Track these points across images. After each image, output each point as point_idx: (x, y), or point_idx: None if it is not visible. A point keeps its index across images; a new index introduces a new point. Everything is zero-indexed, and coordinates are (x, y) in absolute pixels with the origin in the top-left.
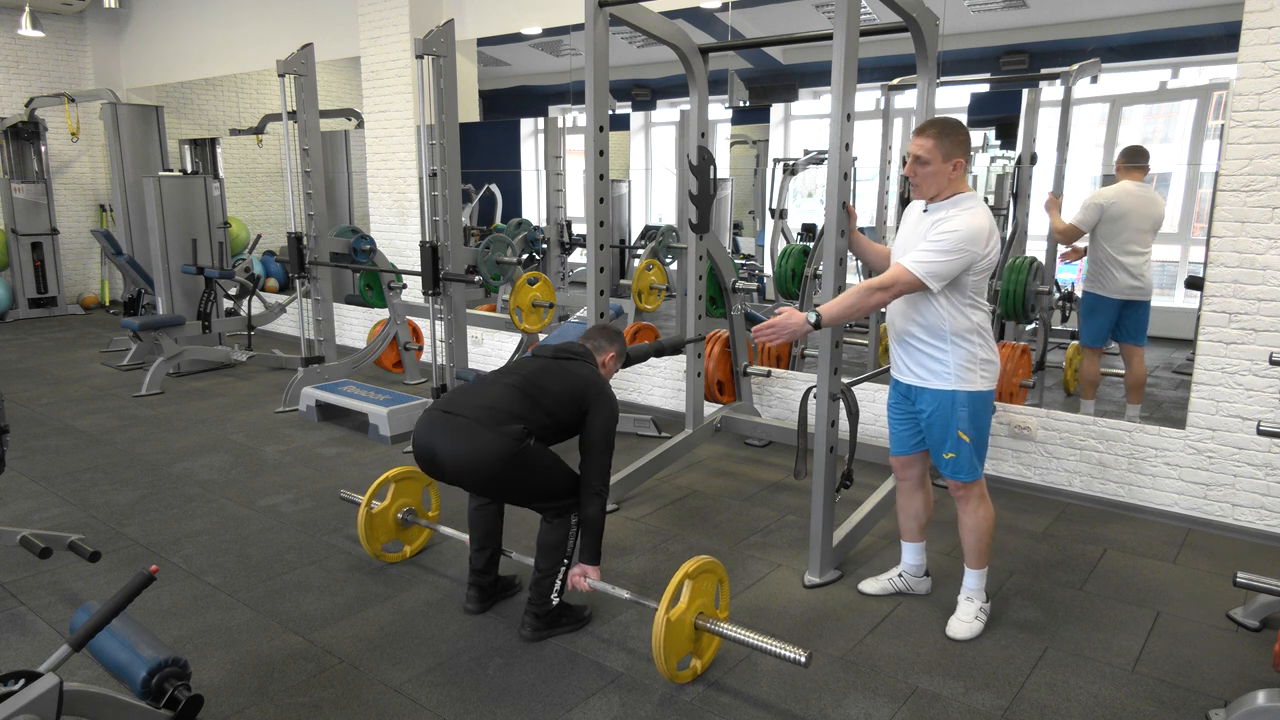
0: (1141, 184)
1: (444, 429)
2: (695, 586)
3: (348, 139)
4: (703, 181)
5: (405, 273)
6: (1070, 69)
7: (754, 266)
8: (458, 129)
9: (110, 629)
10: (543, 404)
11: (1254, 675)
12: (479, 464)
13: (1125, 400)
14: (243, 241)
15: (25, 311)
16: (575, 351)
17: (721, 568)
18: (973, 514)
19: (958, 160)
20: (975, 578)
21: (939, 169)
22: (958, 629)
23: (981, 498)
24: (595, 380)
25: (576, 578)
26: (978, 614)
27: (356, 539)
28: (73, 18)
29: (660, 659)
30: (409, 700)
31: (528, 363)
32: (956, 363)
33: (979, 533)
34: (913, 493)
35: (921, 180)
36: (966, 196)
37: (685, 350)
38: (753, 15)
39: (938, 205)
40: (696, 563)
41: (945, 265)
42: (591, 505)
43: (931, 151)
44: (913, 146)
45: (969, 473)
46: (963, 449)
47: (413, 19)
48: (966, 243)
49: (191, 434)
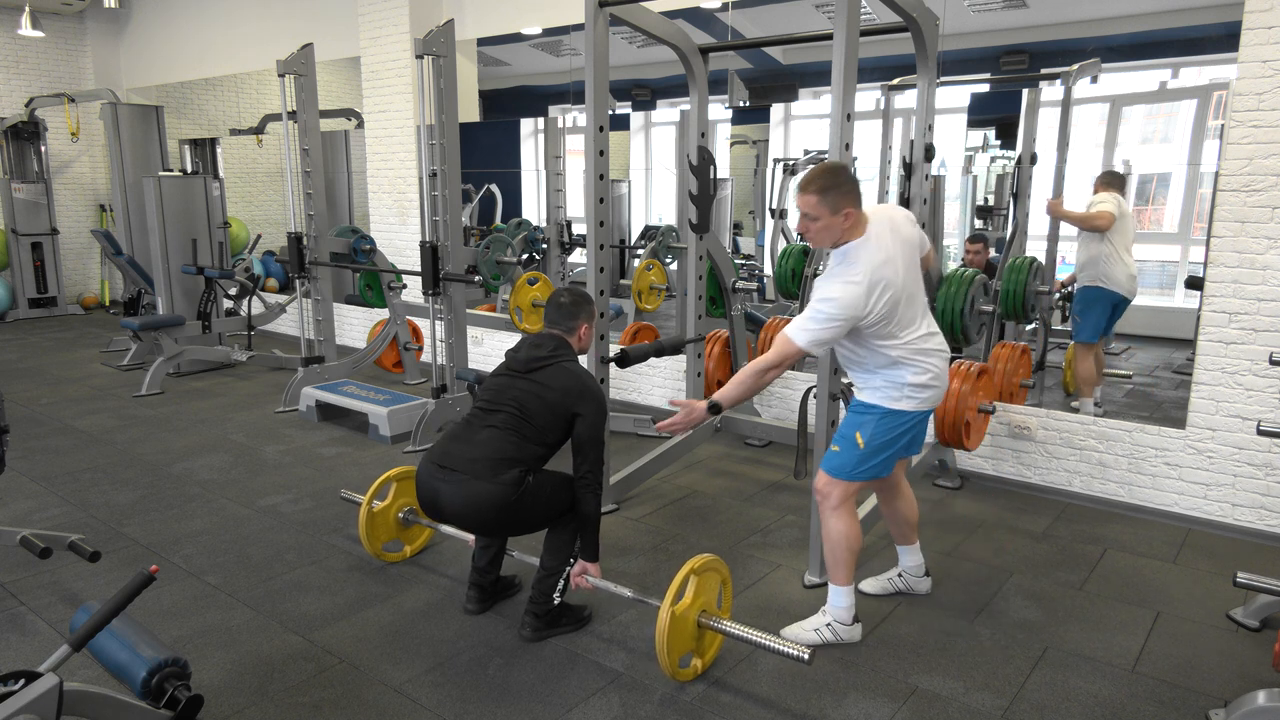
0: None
1: (443, 482)
2: (700, 583)
3: (348, 139)
4: (703, 181)
5: (405, 273)
6: (1070, 69)
7: (754, 266)
8: (458, 129)
9: (110, 629)
10: (532, 438)
11: (1254, 675)
12: (482, 512)
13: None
14: (243, 241)
15: (25, 311)
16: (546, 353)
17: (725, 567)
18: (827, 519)
19: (847, 211)
20: (835, 593)
21: (829, 223)
22: (789, 629)
23: (842, 508)
24: (574, 384)
25: (577, 576)
26: (819, 628)
27: (357, 539)
28: (73, 18)
29: (663, 655)
30: (409, 700)
31: (505, 389)
32: (884, 385)
33: (831, 543)
34: (892, 500)
35: (814, 236)
36: (857, 246)
37: (685, 350)
38: (753, 15)
39: (834, 253)
40: (702, 560)
41: (826, 333)
42: (588, 502)
43: (817, 208)
44: (799, 203)
45: (839, 470)
46: (849, 450)
47: (413, 19)
48: (844, 309)
49: (191, 434)
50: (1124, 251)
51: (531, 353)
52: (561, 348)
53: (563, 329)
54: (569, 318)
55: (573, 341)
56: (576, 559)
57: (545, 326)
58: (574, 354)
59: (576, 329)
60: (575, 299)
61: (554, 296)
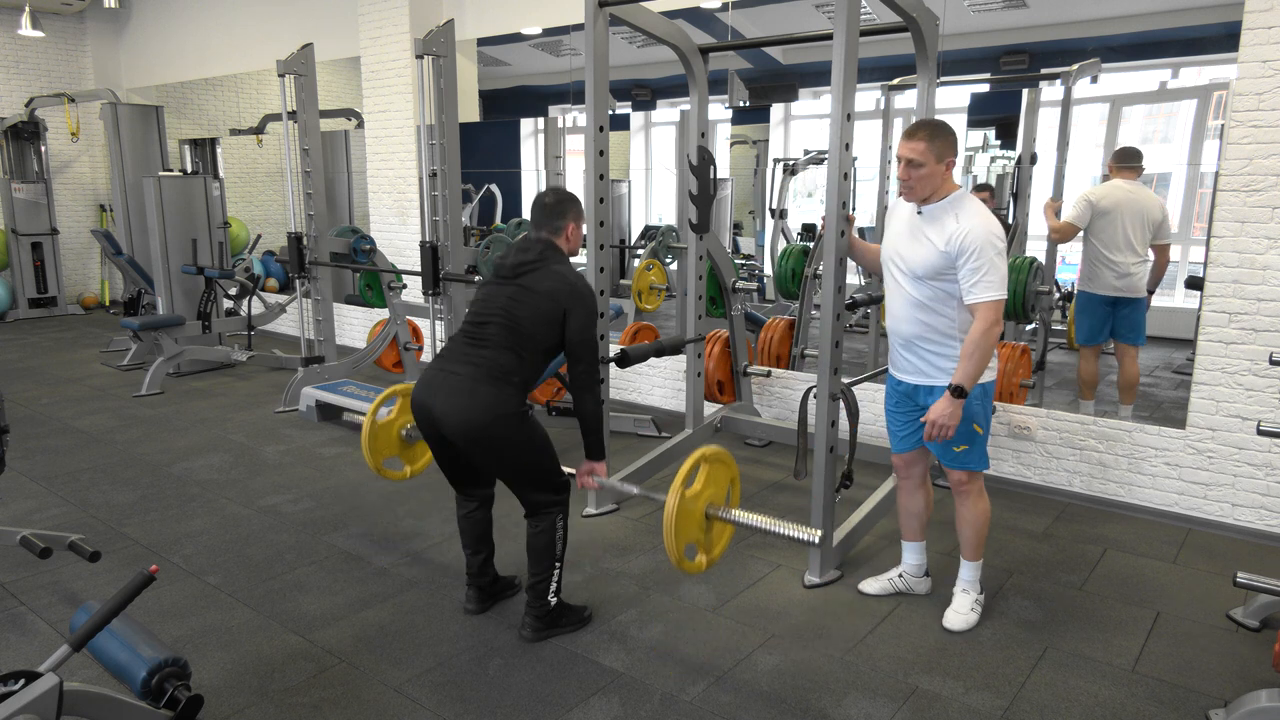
0: (1134, 183)
1: (442, 387)
2: (709, 472)
3: (348, 139)
4: (703, 181)
5: (405, 273)
6: (1070, 69)
7: (754, 266)
8: (458, 129)
9: (110, 629)
10: (525, 346)
11: (1254, 675)
12: (475, 419)
13: (1119, 400)
14: (243, 241)
15: (25, 311)
16: (533, 257)
17: (735, 466)
18: (972, 507)
19: (950, 160)
20: (971, 569)
21: (932, 170)
22: (954, 620)
23: (981, 491)
24: (561, 285)
25: (584, 477)
26: (973, 606)
27: (357, 539)
28: (73, 18)
29: (670, 541)
30: (409, 700)
31: (493, 298)
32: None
33: (977, 525)
34: (914, 491)
35: (916, 183)
36: (961, 196)
37: (685, 350)
38: (753, 15)
39: (934, 207)
40: (713, 449)
41: (1003, 272)
42: (585, 401)
43: (924, 154)
44: (903, 150)
45: (979, 462)
46: (976, 440)
47: (413, 19)
48: (998, 241)
49: (191, 434)
50: (1109, 251)
51: (519, 258)
52: (549, 250)
53: (549, 230)
54: (555, 217)
55: (560, 243)
56: (564, 563)
57: (532, 230)
58: (563, 256)
59: (564, 229)
60: (560, 198)
61: (538, 198)
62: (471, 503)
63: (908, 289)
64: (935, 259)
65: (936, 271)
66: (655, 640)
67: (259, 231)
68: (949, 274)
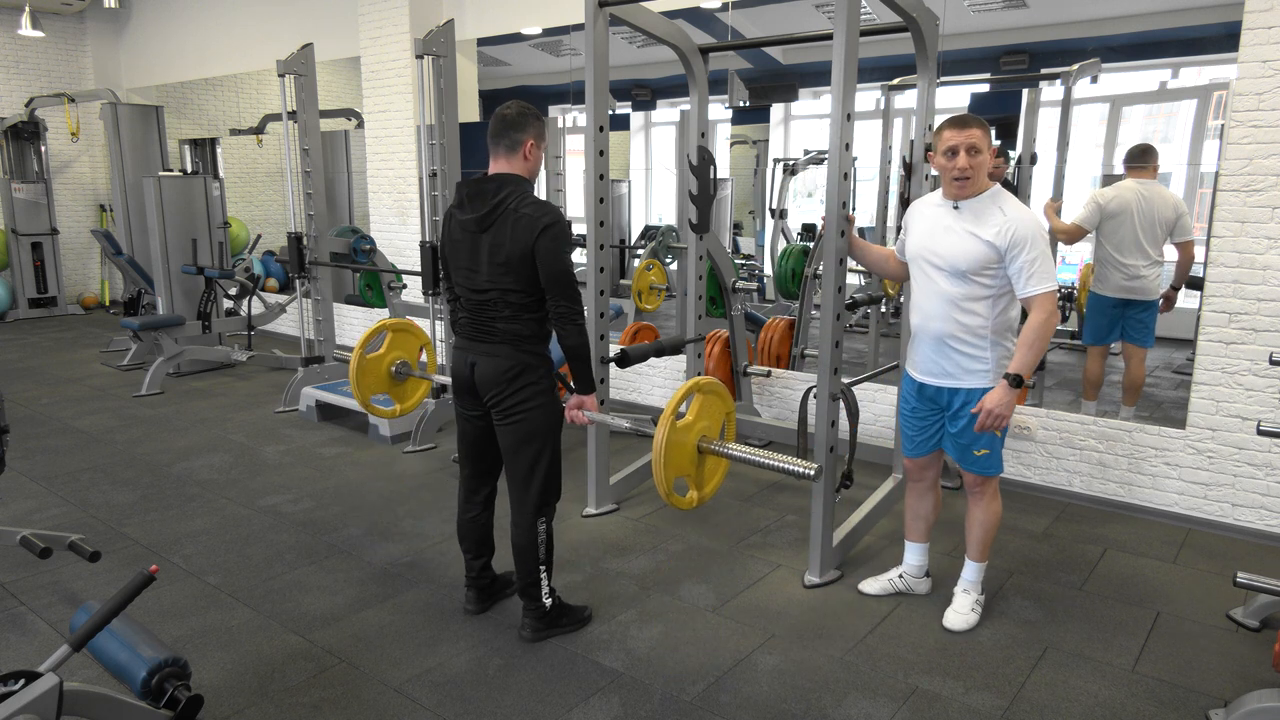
0: (1147, 183)
1: (477, 347)
2: (703, 404)
3: (348, 139)
4: (703, 181)
5: (405, 273)
6: (1070, 69)
7: (754, 266)
8: (458, 129)
9: (110, 629)
10: (526, 303)
11: (1254, 675)
12: (505, 366)
13: (1121, 401)
14: (243, 241)
15: (25, 311)
16: (490, 206)
17: (731, 399)
18: (986, 508)
19: (995, 149)
20: (975, 570)
21: (986, 159)
22: (954, 620)
23: (996, 493)
24: (522, 229)
25: (573, 411)
26: (974, 606)
27: (357, 538)
28: (73, 18)
29: (659, 473)
30: (409, 700)
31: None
32: (995, 360)
33: (988, 526)
34: (926, 494)
35: (975, 172)
36: (999, 190)
37: (685, 350)
38: (753, 15)
39: (974, 201)
40: (707, 379)
41: (1053, 263)
42: (568, 335)
43: (983, 140)
44: (961, 138)
45: (997, 466)
46: (996, 444)
47: (413, 19)
48: (1045, 233)
49: (191, 434)
50: (1119, 253)
51: (477, 210)
52: (505, 187)
53: (505, 145)
54: (514, 129)
55: (517, 164)
56: (549, 566)
57: (489, 145)
58: (521, 186)
59: (522, 144)
60: (522, 110)
61: (499, 110)
62: (475, 508)
63: (944, 285)
64: (981, 251)
65: (981, 265)
66: (655, 640)
67: (259, 231)
68: (992, 268)
